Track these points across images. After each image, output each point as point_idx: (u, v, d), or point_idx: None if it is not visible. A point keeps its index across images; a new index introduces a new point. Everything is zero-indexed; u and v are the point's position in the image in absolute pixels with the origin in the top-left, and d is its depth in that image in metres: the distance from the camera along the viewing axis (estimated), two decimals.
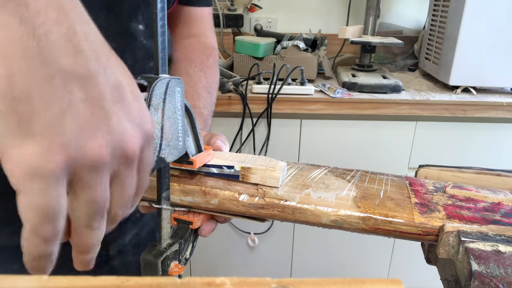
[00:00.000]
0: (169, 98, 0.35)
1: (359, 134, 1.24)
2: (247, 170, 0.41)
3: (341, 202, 0.40)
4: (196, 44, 0.68)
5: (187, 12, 0.68)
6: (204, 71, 0.64)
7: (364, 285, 0.18)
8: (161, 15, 0.35)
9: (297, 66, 1.19)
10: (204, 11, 0.70)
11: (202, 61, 0.65)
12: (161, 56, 0.35)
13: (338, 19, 1.61)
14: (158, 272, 0.39)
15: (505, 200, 0.41)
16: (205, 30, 0.70)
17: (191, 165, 0.40)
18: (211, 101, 0.62)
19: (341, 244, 1.41)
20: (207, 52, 0.68)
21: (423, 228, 0.38)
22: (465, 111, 1.18)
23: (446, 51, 1.24)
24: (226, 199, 0.41)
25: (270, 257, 1.43)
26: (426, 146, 1.25)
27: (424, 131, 1.24)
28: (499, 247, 0.34)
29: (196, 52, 0.66)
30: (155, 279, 0.19)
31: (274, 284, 0.18)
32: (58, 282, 0.18)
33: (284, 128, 1.23)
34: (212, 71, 0.65)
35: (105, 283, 0.18)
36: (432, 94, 1.22)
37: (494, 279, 0.32)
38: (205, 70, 0.64)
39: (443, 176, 0.48)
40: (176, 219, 0.44)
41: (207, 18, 0.71)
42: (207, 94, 0.61)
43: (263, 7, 1.58)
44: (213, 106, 0.62)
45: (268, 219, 0.43)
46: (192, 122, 0.40)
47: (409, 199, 0.41)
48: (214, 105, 0.63)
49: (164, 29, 0.35)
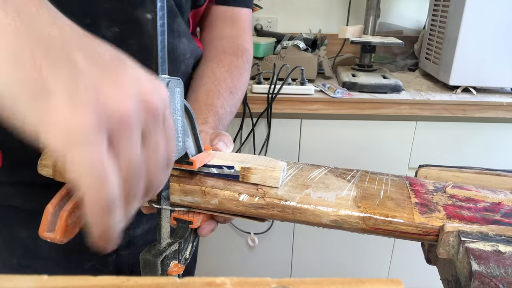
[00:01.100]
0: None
1: (359, 134, 1.24)
2: (247, 170, 0.41)
3: (341, 202, 0.40)
4: (228, 46, 0.67)
5: (223, 12, 0.67)
6: (231, 71, 0.63)
7: (364, 285, 0.18)
8: (160, 14, 0.35)
9: (297, 66, 1.19)
10: (242, 12, 0.68)
11: (231, 61, 0.64)
12: (161, 55, 0.35)
13: (338, 19, 1.61)
14: (158, 271, 0.39)
15: (505, 200, 0.41)
16: (241, 32, 0.69)
17: (191, 165, 0.40)
18: (233, 101, 0.61)
19: (341, 244, 1.41)
20: (238, 53, 0.66)
21: (423, 228, 0.38)
22: (465, 111, 1.17)
23: (446, 51, 1.24)
24: (226, 199, 0.41)
25: (270, 257, 1.43)
26: (426, 146, 1.25)
27: (424, 131, 1.24)
28: (499, 247, 0.34)
29: (226, 53, 0.65)
30: (155, 279, 0.19)
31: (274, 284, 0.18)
32: (58, 282, 0.18)
33: (284, 128, 1.23)
34: (239, 72, 0.64)
35: (105, 283, 0.18)
36: (432, 94, 1.22)
37: (494, 279, 0.32)
38: (232, 70, 0.63)
39: (443, 176, 0.48)
40: (176, 218, 0.44)
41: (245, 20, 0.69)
42: (229, 94, 0.60)
43: (263, 7, 1.58)
44: (234, 107, 0.62)
45: (268, 219, 0.43)
46: (192, 123, 0.40)
47: (409, 199, 0.41)
48: (236, 106, 0.62)
49: (164, 28, 0.35)
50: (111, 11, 0.50)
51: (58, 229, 0.29)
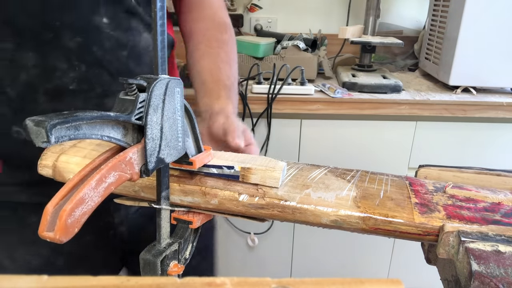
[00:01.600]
0: (168, 98, 0.35)
1: (359, 134, 1.24)
2: (247, 170, 0.41)
3: (341, 202, 0.40)
4: (210, 25, 0.71)
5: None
6: (222, 47, 0.69)
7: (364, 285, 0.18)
8: (160, 14, 0.34)
9: (297, 66, 1.19)
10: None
11: (217, 38, 0.70)
12: (161, 55, 0.35)
13: (338, 19, 1.61)
14: (158, 271, 0.39)
15: (505, 200, 0.41)
16: (216, 10, 0.73)
17: (191, 165, 0.40)
18: (232, 72, 0.67)
19: (341, 244, 1.41)
20: (221, 29, 0.72)
21: (423, 228, 0.38)
22: (465, 111, 1.17)
23: (446, 51, 1.24)
24: (226, 199, 0.41)
25: (270, 257, 1.43)
26: (426, 146, 1.25)
27: (424, 131, 1.24)
28: (499, 247, 0.34)
29: (211, 31, 0.70)
30: (155, 279, 0.19)
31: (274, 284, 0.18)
32: (58, 282, 0.18)
33: (284, 128, 1.23)
34: (228, 46, 0.70)
35: (105, 283, 0.18)
36: (432, 94, 1.22)
37: (494, 279, 0.32)
38: (221, 46, 0.69)
39: (443, 176, 0.48)
40: (176, 218, 0.44)
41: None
42: (228, 66, 0.67)
43: (263, 7, 1.58)
44: (236, 75, 0.68)
45: (268, 219, 0.43)
46: (192, 123, 0.40)
47: (409, 199, 0.41)
48: (236, 76, 0.68)
49: (164, 28, 0.35)
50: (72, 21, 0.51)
51: (58, 228, 0.29)
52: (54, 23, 0.50)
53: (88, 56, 0.52)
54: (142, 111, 0.33)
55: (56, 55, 0.51)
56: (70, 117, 0.28)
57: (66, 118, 0.28)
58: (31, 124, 0.26)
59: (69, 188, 0.31)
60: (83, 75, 0.53)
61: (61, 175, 0.46)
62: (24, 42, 0.50)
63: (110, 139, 0.32)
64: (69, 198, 0.30)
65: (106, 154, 0.34)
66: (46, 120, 0.26)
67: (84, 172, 0.32)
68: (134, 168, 0.33)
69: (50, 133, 0.26)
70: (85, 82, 0.53)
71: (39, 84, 0.51)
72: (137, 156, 0.33)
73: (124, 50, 0.56)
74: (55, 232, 0.29)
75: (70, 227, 0.29)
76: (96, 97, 0.55)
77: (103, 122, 0.31)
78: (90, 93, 0.54)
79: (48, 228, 0.29)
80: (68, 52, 0.51)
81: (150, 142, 0.34)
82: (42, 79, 0.51)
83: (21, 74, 0.51)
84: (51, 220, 0.30)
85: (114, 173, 0.32)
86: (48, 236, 0.29)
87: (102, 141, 0.43)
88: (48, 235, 0.29)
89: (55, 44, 0.51)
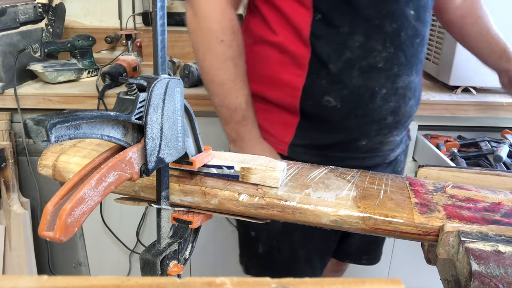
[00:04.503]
0: (168, 98, 0.35)
1: None
2: (247, 170, 0.41)
3: (341, 202, 0.40)
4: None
5: None
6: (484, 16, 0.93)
7: (364, 285, 0.18)
8: (160, 14, 0.34)
9: None
10: None
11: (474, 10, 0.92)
12: (161, 55, 0.35)
13: None
14: (157, 271, 0.39)
15: (505, 200, 0.41)
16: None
17: (191, 165, 0.40)
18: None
19: None
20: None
21: (423, 228, 0.38)
22: (465, 111, 1.17)
23: (446, 51, 1.24)
24: (226, 199, 0.41)
25: None
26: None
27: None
28: (499, 247, 0.34)
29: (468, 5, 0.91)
30: (155, 279, 0.19)
31: (274, 284, 0.18)
32: (58, 282, 0.18)
33: None
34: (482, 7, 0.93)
35: (105, 283, 0.18)
36: (432, 94, 1.22)
37: (494, 279, 0.32)
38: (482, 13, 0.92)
39: (443, 176, 0.48)
40: (176, 218, 0.44)
41: None
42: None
43: None
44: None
45: (268, 219, 0.43)
46: (192, 123, 0.40)
47: (409, 199, 0.41)
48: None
49: (164, 28, 0.35)
50: (394, 10, 0.62)
51: (58, 228, 0.29)
52: (382, 12, 0.62)
53: (397, 40, 0.64)
54: (142, 111, 0.33)
55: (377, 38, 0.63)
56: (70, 116, 0.28)
57: (66, 117, 0.28)
58: (31, 123, 0.26)
59: (69, 187, 0.31)
60: (390, 55, 0.64)
61: (61, 175, 0.46)
62: (357, 27, 0.62)
63: (110, 139, 0.32)
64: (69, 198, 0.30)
65: (106, 154, 0.34)
66: (46, 119, 0.26)
67: (84, 172, 0.32)
68: (134, 168, 0.33)
69: (50, 132, 0.26)
70: (390, 62, 0.64)
71: (356, 62, 0.63)
72: (137, 155, 0.33)
73: (418, 38, 0.67)
74: (55, 231, 0.29)
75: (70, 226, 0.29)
76: (392, 75, 0.65)
77: (103, 121, 0.31)
78: (389, 71, 0.65)
79: (48, 227, 0.29)
80: (386, 36, 0.63)
81: (150, 141, 0.34)
82: (360, 57, 0.63)
83: (346, 53, 0.63)
84: (51, 220, 0.30)
85: (114, 173, 0.32)
86: (48, 236, 0.29)
87: (102, 141, 0.43)
88: (48, 235, 0.29)
89: (379, 29, 0.63)
